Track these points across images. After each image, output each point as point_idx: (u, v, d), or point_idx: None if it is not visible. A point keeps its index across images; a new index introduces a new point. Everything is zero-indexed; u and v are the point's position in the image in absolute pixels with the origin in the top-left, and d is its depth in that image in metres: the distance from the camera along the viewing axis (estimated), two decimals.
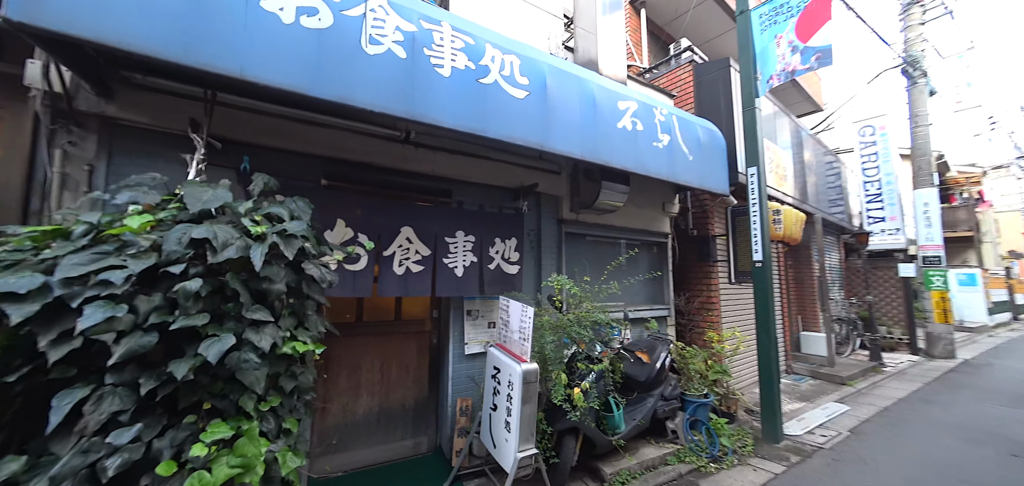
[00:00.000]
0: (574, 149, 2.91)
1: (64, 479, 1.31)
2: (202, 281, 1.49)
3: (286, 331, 1.78)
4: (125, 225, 1.52)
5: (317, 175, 2.59)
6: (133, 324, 1.41)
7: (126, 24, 1.60)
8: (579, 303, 3.12)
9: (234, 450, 1.56)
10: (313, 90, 1.97)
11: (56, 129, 2.02)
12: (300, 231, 1.85)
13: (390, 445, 3.16)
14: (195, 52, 1.72)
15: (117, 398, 1.39)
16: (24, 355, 1.34)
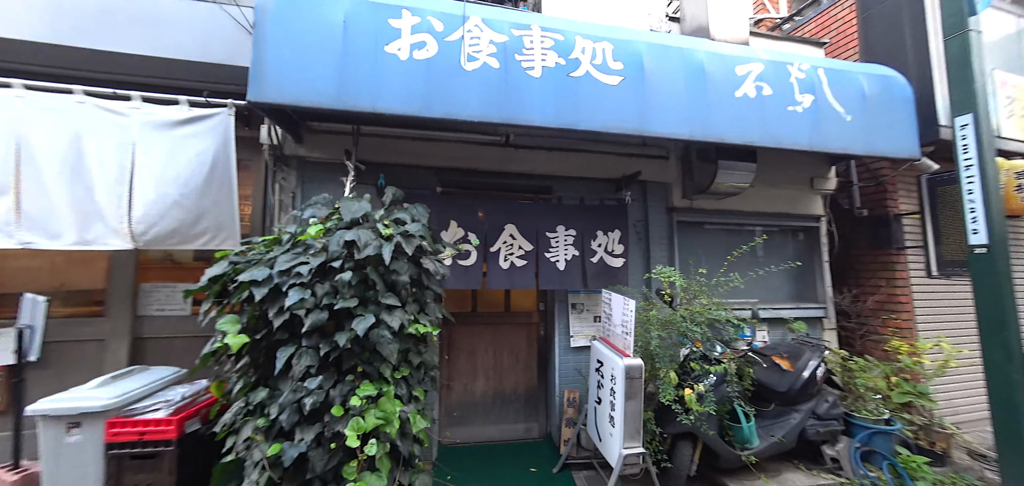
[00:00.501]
0: (679, 130, 2.66)
1: (285, 407, 1.88)
2: (352, 273, 1.95)
3: (411, 315, 2.16)
4: (307, 233, 2.09)
5: (434, 183, 3.02)
6: (314, 304, 1.94)
7: (302, 89, 2.19)
8: (694, 298, 2.82)
9: (378, 406, 1.98)
10: (425, 111, 2.33)
11: (275, 169, 2.89)
12: (418, 232, 2.22)
13: (504, 426, 3.44)
14: (344, 98, 2.24)
15: (308, 356, 1.93)
16: (263, 322, 1.99)
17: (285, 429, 1.89)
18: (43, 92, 2.31)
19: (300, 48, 2.21)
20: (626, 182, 3.30)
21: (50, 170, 2.31)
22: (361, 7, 2.31)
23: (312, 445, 1.89)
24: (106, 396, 2.26)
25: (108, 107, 2.38)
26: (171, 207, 2.42)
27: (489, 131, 2.89)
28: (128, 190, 2.36)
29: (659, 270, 2.87)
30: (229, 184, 2.55)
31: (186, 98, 2.46)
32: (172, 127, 2.43)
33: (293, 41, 2.21)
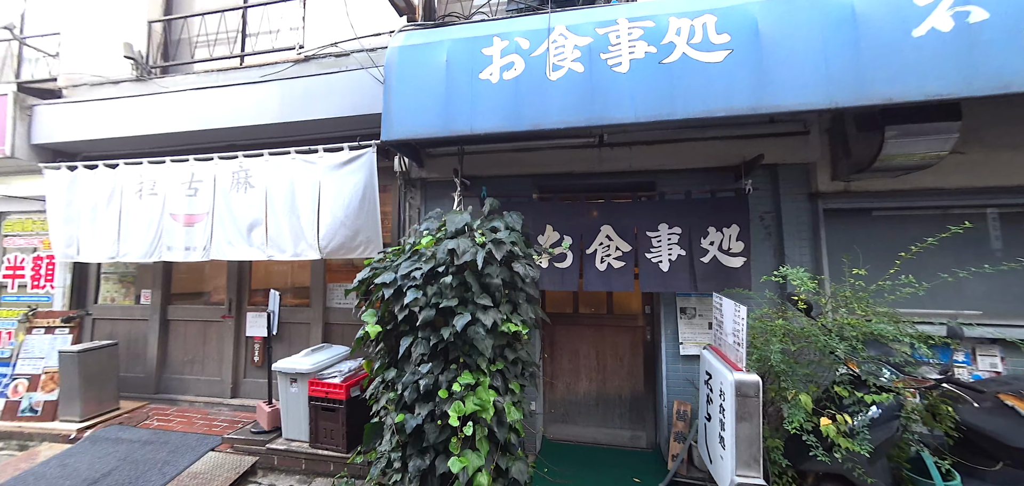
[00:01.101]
0: (815, 97, 2.16)
1: (407, 385, 2.34)
2: (452, 276, 2.29)
3: (504, 314, 2.38)
4: (421, 244, 2.54)
5: (530, 191, 3.21)
6: (425, 303, 2.35)
7: (417, 124, 2.66)
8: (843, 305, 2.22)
9: (476, 393, 2.26)
10: (514, 126, 2.52)
11: (405, 190, 3.56)
12: (508, 238, 2.43)
13: (609, 430, 3.38)
14: (448, 126, 2.62)
15: (421, 345, 2.35)
16: (391, 316, 2.52)
17: (407, 403, 2.35)
18: (276, 155, 3.44)
19: (415, 91, 2.69)
20: (746, 169, 2.82)
21: (280, 207, 3.41)
22: (459, 45, 2.67)
23: (426, 419, 2.28)
24: (308, 364, 3.22)
25: (306, 159, 3.38)
26: (339, 227, 3.27)
27: (580, 134, 2.91)
28: (316, 216, 3.30)
29: (786, 271, 2.36)
30: (374, 205, 3.28)
31: (347, 144, 3.28)
32: (339, 167, 3.29)
33: (410, 87, 2.71)
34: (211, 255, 3.51)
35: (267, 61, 3.76)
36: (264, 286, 4.14)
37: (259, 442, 3.25)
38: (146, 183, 3.69)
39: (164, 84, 3.88)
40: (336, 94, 3.33)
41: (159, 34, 4.33)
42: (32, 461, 3.28)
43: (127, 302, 4.50)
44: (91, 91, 4.12)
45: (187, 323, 4.33)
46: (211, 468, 3.09)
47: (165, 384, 4.29)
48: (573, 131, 2.52)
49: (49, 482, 2.97)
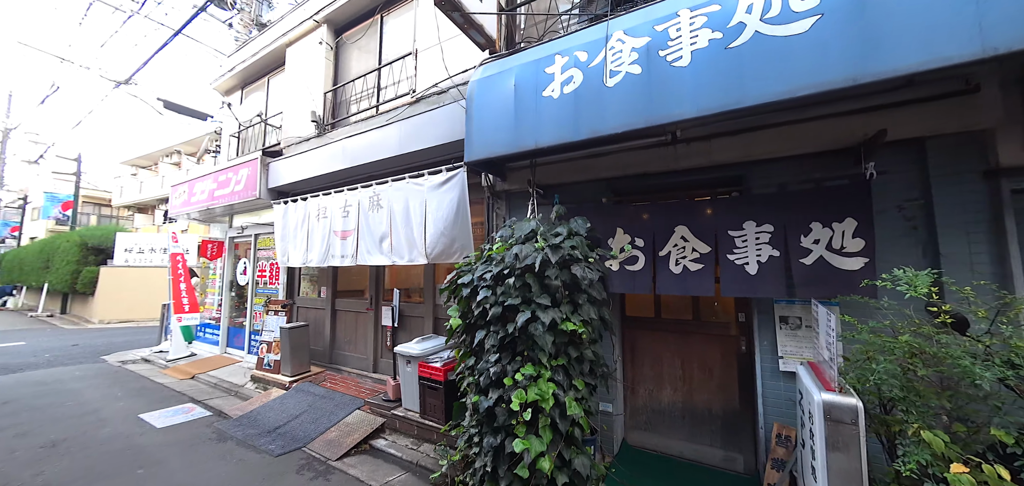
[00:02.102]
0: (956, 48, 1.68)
1: (481, 372, 2.73)
2: (515, 278, 2.57)
3: (563, 314, 2.54)
4: (493, 250, 2.90)
5: (600, 195, 3.24)
6: (494, 301, 2.69)
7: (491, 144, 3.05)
8: None
9: (536, 384, 2.48)
10: (573, 136, 2.67)
11: (492, 201, 4.03)
12: (567, 243, 2.58)
13: (698, 447, 3.10)
14: (517, 143, 2.93)
15: (491, 338, 2.69)
16: (469, 313, 2.95)
17: (482, 387, 2.72)
18: (396, 181, 4.36)
19: (490, 116, 3.10)
20: (868, 149, 2.27)
21: (400, 222, 4.30)
22: (525, 69, 2.96)
23: (496, 402, 2.61)
24: (418, 349, 3.95)
25: (415, 182, 4.18)
26: (440, 236, 3.92)
27: (645, 135, 2.82)
28: (424, 228, 4.04)
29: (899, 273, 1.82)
30: (466, 217, 3.83)
31: (445, 167, 3.93)
32: (439, 187, 3.96)
33: (486, 112, 3.13)
34: (357, 261, 4.64)
35: (392, 107, 4.78)
36: (392, 286, 5.20)
37: (387, 408, 4.13)
38: (321, 209, 5.11)
39: (332, 136, 5.32)
40: (436, 126, 4.03)
41: (330, 100, 5.93)
42: (267, 398, 4.91)
43: (313, 295, 6.24)
44: (294, 148, 5.93)
45: (346, 313, 5.75)
46: (357, 421, 4.08)
47: (334, 356, 5.78)
48: (632, 134, 2.51)
49: (275, 411, 4.43)
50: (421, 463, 3.41)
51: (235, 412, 4.65)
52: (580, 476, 2.52)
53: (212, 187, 6.95)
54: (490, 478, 2.60)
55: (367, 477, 3.23)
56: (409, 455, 3.54)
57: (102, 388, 5.65)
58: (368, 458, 3.56)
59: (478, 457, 2.72)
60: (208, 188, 7.04)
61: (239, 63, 7.47)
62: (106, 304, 12.98)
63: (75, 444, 3.77)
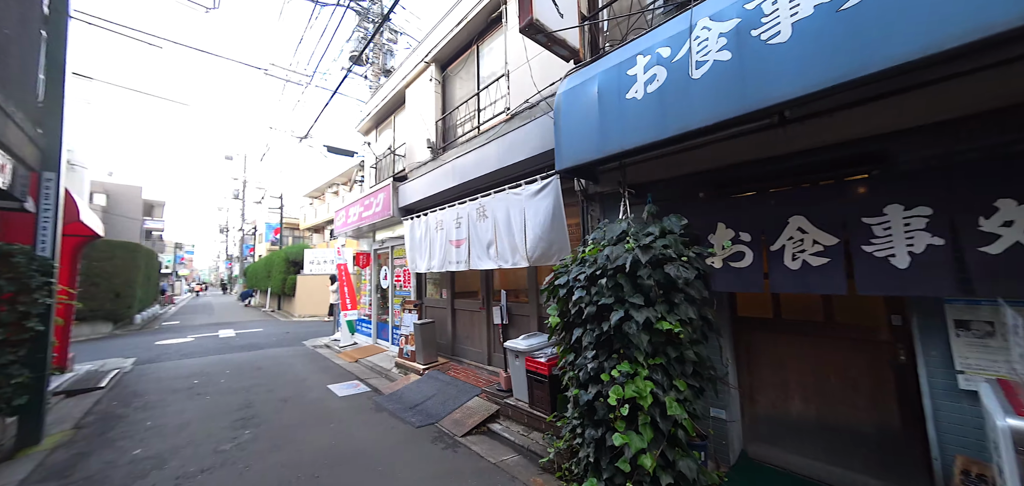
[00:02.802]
0: None
1: (580, 368, 2.92)
2: (607, 278, 2.68)
3: (658, 313, 2.54)
4: (586, 252, 3.05)
5: (697, 189, 3.06)
6: (589, 301, 2.85)
7: (578, 152, 3.20)
8: None
9: (633, 382, 2.55)
10: (658, 135, 2.64)
11: (587, 205, 4.15)
12: (659, 242, 2.57)
13: (840, 470, 2.68)
14: (602, 148, 3.03)
15: (588, 336, 2.86)
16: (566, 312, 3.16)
17: (582, 382, 2.91)
18: (498, 192, 4.84)
19: (576, 124, 3.25)
20: None
21: (503, 229, 4.77)
22: (607, 74, 3.03)
23: (595, 397, 2.77)
24: (524, 345, 4.33)
25: (514, 192, 4.58)
26: (539, 241, 4.23)
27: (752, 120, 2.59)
28: (524, 234, 4.41)
29: None
30: (561, 221, 4.05)
31: (540, 176, 4.22)
32: (535, 195, 4.27)
33: (572, 121, 3.29)
34: (470, 266, 5.30)
35: (491, 126, 5.30)
36: (500, 287, 5.74)
37: (500, 397, 4.64)
38: (438, 222, 5.98)
39: (444, 158, 6.17)
40: (530, 139, 4.35)
41: (440, 127, 6.85)
42: (407, 381, 6.02)
43: (437, 296, 7.29)
44: (415, 172, 7.04)
45: (464, 312, 6.56)
46: (476, 406, 4.70)
47: (456, 349, 6.66)
48: (725, 124, 2.36)
49: (413, 392, 5.42)
50: (531, 448, 3.76)
51: (386, 390, 5.83)
52: (685, 478, 2.50)
53: (360, 210, 8.71)
54: (593, 468, 2.77)
55: (486, 454, 3.74)
56: (521, 440, 3.94)
57: (305, 364, 7.70)
58: (486, 438, 4.10)
59: (581, 447, 2.92)
60: (356, 211, 8.85)
61: (372, 108, 9.17)
62: (300, 302, 17.32)
63: (294, 401, 5.32)
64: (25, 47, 4.07)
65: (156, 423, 4.63)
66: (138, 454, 3.83)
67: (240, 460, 3.64)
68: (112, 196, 27.32)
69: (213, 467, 3.52)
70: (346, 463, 3.55)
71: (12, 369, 3.95)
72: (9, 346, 3.98)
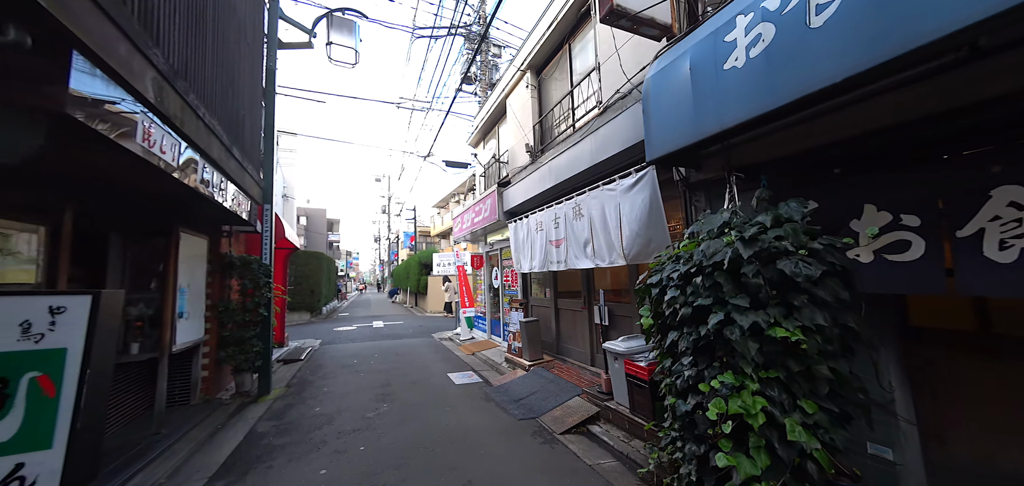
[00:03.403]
0: None
1: (677, 375, 2.66)
2: (703, 276, 2.37)
3: (771, 317, 2.13)
4: (680, 247, 2.75)
5: (830, 165, 2.42)
6: (683, 301, 2.57)
7: (669, 139, 2.91)
8: None
9: (739, 396, 2.20)
10: (767, 106, 2.22)
11: (689, 194, 3.72)
12: (771, 233, 2.15)
13: None
14: (697, 131, 2.69)
15: (684, 341, 2.58)
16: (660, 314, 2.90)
17: (679, 390, 2.64)
18: (592, 189, 4.74)
19: (666, 109, 2.98)
20: None
21: (599, 227, 4.65)
22: (700, 47, 2.68)
23: (695, 408, 2.49)
24: (622, 347, 4.13)
25: (608, 188, 4.41)
26: (636, 237, 3.98)
27: (926, 56, 1.95)
28: (620, 231, 4.21)
29: None
30: (659, 215, 3.73)
31: (634, 169, 3.97)
32: (629, 189, 4.03)
33: (661, 107, 3.02)
34: (568, 266, 5.31)
35: (584, 122, 5.21)
36: (600, 287, 5.58)
37: (600, 399, 4.51)
38: (539, 223, 6.16)
39: (541, 161, 6.33)
40: (622, 131, 4.13)
41: (537, 131, 7.04)
42: (514, 375, 6.38)
43: (541, 295, 7.49)
44: (517, 176, 7.39)
45: (566, 311, 6.59)
46: (576, 406, 4.69)
47: (560, 348, 6.73)
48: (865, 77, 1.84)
49: (519, 386, 5.72)
50: (631, 456, 3.57)
51: (495, 382, 6.29)
52: None
53: (472, 216, 9.58)
54: None
55: (583, 454, 3.70)
56: (620, 446, 3.77)
57: (431, 353, 8.90)
58: (585, 439, 4.05)
59: (682, 463, 2.66)
60: (469, 218, 9.76)
61: (479, 121, 9.99)
62: (430, 299, 19.95)
63: (420, 384, 6.23)
64: (254, 119, 5.84)
65: (330, 390, 6.04)
66: (318, 411, 5.08)
67: (378, 427, 4.48)
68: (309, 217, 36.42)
69: (361, 429, 4.42)
70: (456, 443, 4.01)
71: (253, 341, 5.72)
72: (251, 326, 5.77)
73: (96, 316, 1.93)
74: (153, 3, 2.69)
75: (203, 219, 4.95)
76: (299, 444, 4.09)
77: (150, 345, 4.37)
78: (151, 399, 4.44)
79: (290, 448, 4.00)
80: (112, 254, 4.25)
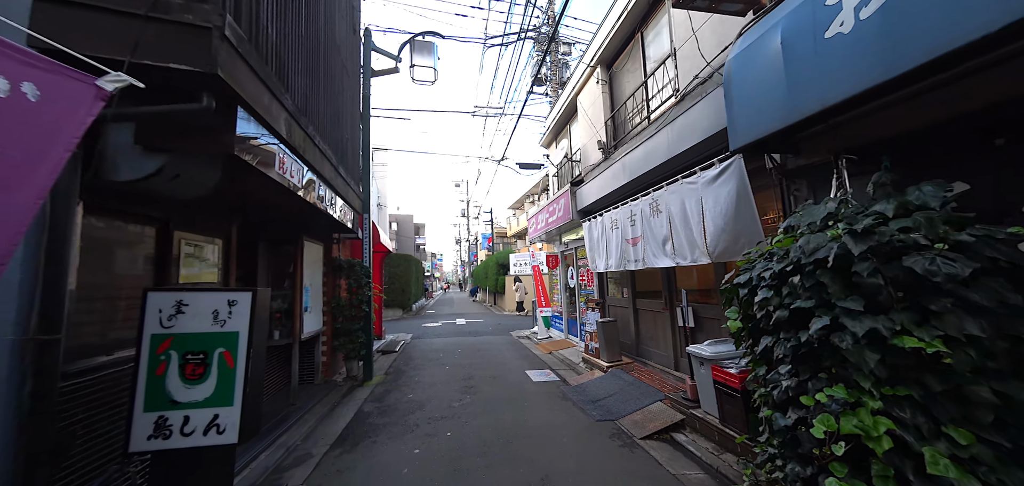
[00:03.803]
0: None
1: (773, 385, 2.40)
2: (802, 275, 2.10)
3: (895, 324, 1.80)
4: (773, 243, 2.46)
5: (986, 135, 1.93)
6: (779, 303, 2.30)
7: (757, 124, 2.63)
8: None
9: (855, 414, 1.91)
10: (888, 73, 1.89)
11: (786, 183, 3.29)
12: (894, 224, 1.82)
13: None
14: (792, 112, 2.40)
15: (781, 347, 2.31)
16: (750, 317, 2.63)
17: (777, 402, 2.38)
18: (670, 184, 4.46)
19: (753, 91, 2.70)
20: None
21: (678, 223, 4.36)
22: (795, 14, 2.38)
23: (797, 424, 2.22)
24: (709, 352, 3.82)
25: (688, 181, 4.11)
26: (721, 233, 3.65)
27: None
28: (702, 227, 3.90)
29: None
30: (749, 207, 3.37)
31: (717, 158, 3.65)
32: (713, 181, 3.71)
33: (747, 89, 2.75)
34: (645, 265, 5.07)
35: (660, 113, 4.92)
36: (682, 286, 5.20)
37: (686, 406, 4.23)
38: (613, 221, 5.99)
39: (614, 157, 6.14)
40: (702, 119, 3.82)
41: (610, 127, 6.83)
42: (592, 376, 6.30)
43: (619, 295, 7.25)
44: (590, 174, 7.27)
45: (646, 312, 6.28)
46: (658, 411, 4.46)
47: (640, 350, 6.44)
48: None
49: (596, 387, 5.65)
50: (721, 470, 3.29)
51: (572, 382, 6.28)
52: None
53: (546, 217, 9.67)
54: None
55: (666, 463, 3.52)
56: (709, 458, 3.50)
57: (510, 351, 9.23)
58: (668, 447, 3.84)
59: (783, 484, 2.39)
60: (543, 218, 9.86)
61: (550, 122, 10.03)
62: (508, 299, 20.56)
63: (500, 379, 6.53)
64: (354, 140, 6.77)
65: (419, 379, 6.69)
66: (411, 397, 5.68)
67: (462, 416, 4.84)
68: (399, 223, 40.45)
69: (446, 417, 4.83)
70: (532, 438, 4.13)
71: (358, 333, 6.64)
72: (356, 319, 6.70)
73: (254, 308, 2.50)
74: (285, 59, 3.33)
75: (318, 229, 5.89)
76: (396, 425, 4.63)
77: (286, 333, 5.36)
78: (287, 377, 5.45)
79: (389, 428, 4.56)
80: (260, 259, 5.32)
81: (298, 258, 5.45)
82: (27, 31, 1.55)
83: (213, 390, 2.38)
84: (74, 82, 1.35)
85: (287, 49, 3.40)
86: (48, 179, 1.25)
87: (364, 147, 7.09)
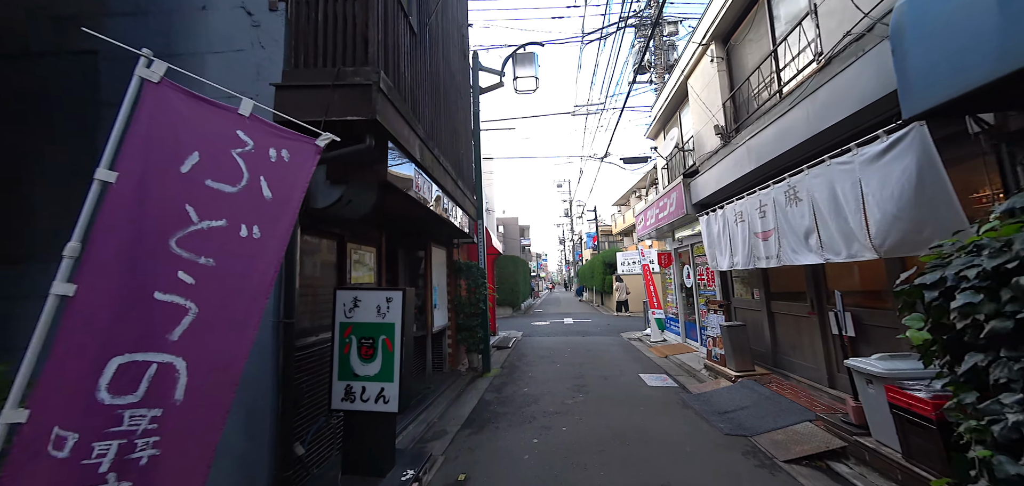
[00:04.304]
0: None
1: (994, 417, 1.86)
2: None
3: None
4: (985, 233, 1.88)
5: None
6: (995, 311, 1.77)
7: (951, 81, 2.07)
8: None
9: None
10: None
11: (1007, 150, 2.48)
12: None
13: None
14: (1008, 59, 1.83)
15: (1001, 368, 1.77)
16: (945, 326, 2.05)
17: (998, 441, 1.83)
18: (813, 167, 3.75)
19: (939, 38, 2.13)
20: None
21: (826, 212, 3.65)
22: None
23: None
24: (881, 368, 3.10)
25: (840, 161, 3.41)
26: (893, 221, 2.94)
27: None
28: (862, 215, 3.19)
29: None
30: (941, 186, 2.63)
31: (883, 130, 2.95)
32: (877, 158, 3.00)
33: (931, 35, 2.18)
34: (781, 261, 4.36)
35: (796, 84, 4.18)
36: (834, 288, 4.30)
37: (848, 432, 3.50)
38: (737, 214, 5.30)
39: (736, 142, 5.43)
40: (857, 84, 3.13)
41: (729, 109, 6.06)
42: (716, 385, 5.69)
43: (747, 296, 6.35)
44: (706, 164, 6.57)
45: (785, 316, 5.37)
46: (807, 433, 3.80)
47: (778, 360, 5.53)
48: None
49: (723, 397, 5.10)
50: None
51: (693, 389, 5.77)
52: None
53: (656, 212, 9.06)
54: None
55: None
56: None
57: (621, 352, 8.94)
58: (823, 477, 3.24)
59: None
60: (653, 214, 9.25)
61: (657, 111, 9.36)
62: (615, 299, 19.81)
63: (612, 380, 6.41)
64: (468, 154, 7.53)
65: (533, 375, 7.03)
66: (526, 391, 6.03)
67: (576, 413, 4.92)
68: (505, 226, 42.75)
69: (560, 412, 4.98)
70: (652, 443, 3.96)
71: (476, 328, 7.35)
72: (474, 316, 7.43)
73: (404, 304, 3.10)
74: (416, 95, 3.97)
75: (442, 235, 6.72)
76: (515, 415, 4.99)
77: (421, 326, 6.28)
78: (423, 364, 6.37)
79: (508, 416, 4.94)
80: (400, 263, 6.37)
81: (427, 261, 6.33)
82: (272, 110, 2.26)
83: (379, 368, 3.03)
84: (305, 144, 1.92)
85: (417, 84, 4.02)
86: (294, 214, 1.82)
87: (476, 159, 7.79)
